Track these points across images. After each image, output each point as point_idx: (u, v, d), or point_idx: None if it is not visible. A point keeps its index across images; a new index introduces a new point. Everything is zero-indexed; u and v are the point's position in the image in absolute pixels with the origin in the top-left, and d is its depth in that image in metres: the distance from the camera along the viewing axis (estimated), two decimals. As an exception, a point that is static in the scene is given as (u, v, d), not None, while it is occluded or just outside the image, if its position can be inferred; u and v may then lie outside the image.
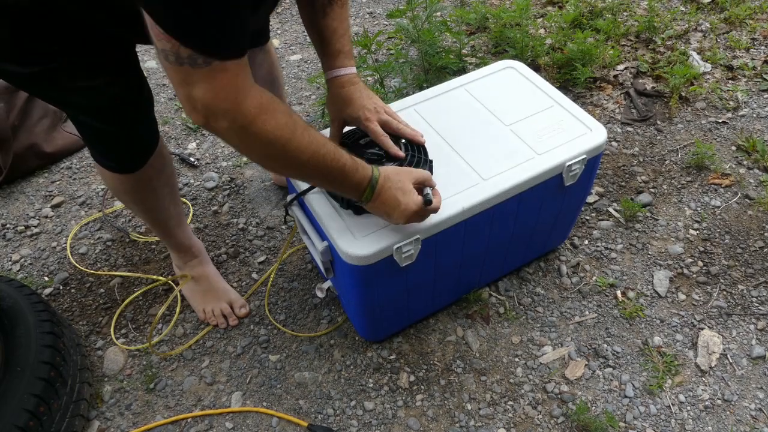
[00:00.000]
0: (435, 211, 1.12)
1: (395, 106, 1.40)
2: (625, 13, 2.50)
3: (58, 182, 1.96)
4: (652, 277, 1.57)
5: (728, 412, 1.32)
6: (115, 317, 1.54)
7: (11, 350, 1.22)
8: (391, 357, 1.43)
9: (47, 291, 1.62)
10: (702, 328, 1.46)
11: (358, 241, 1.12)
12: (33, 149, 1.95)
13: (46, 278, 1.66)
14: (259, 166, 1.93)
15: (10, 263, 1.71)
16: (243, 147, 0.91)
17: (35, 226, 1.81)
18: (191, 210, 1.81)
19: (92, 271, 1.66)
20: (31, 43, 0.93)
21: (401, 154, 1.17)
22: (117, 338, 1.50)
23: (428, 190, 1.09)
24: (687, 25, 2.40)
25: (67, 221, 1.82)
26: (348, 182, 1.01)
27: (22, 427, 1.11)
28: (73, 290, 1.62)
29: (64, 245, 1.74)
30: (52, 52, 0.95)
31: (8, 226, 1.82)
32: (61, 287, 1.63)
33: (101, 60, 1.02)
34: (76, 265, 1.68)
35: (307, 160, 0.93)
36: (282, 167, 1.00)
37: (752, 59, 2.21)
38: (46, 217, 1.84)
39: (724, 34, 2.36)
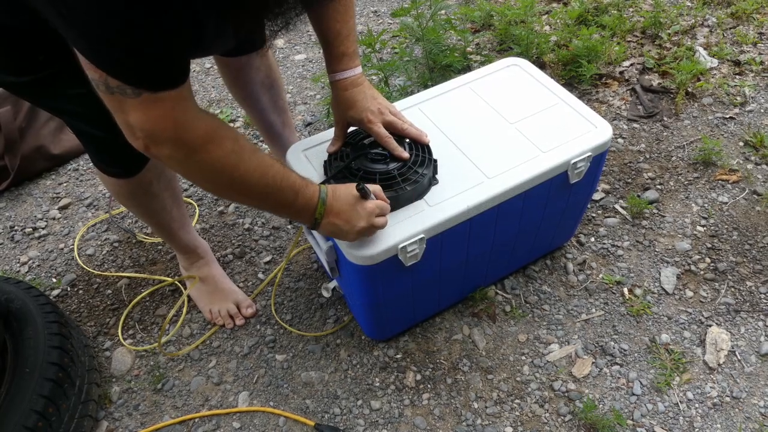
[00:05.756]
0: (382, 225, 1.09)
1: (400, 104, 1.40)
2: (630, 9, 2.48)
3: (65, 184, 1.97)
4: (659, 274, 1.56)
5: (737, 410, 1.31)
6: (122, 318, 1.55)
7: (20, 352, 1.23)
8: (398, 356, 1.43)
9: (55, 292, 1.64)
10: (710, 325, 1.45)
11: (363, 241, 1.12)
12: (40, 151, 1.97)
13: (54, 280, 1.67)
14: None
15: (18, 265, 1.72)
16: (187, 172, 0.88)
17: (43, 228, 1.82)
18: (197, 210, 1.82)
19: (99, 272, 1.67)
20: (21, 55, 0.95)
21: (405, 154, 1.17)
22: (124, 339, 1.51)
23: (363, 185, 1.05)
24: (693, 21, 2.38)
25: (75, 223, 1.84)
26: (300, 200, 0.99)
27: (31, 428, 1.12)
28: (80, 291, 1.64)
29: (71, 247, 1.76)
30: (40, 62, 0.96)
31: (16, 228, 1.83)
32: (68, 288, 1.64)
33: None
34: (84, 266, 1.69)
35: (256, 183, 0.92)
36: (229, 195, 0.98)
37: (759, 54, 2.20)
38: (54, 218, 1.86)
39: (730, 29, 2.34)
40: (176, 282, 1.62)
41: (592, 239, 1.66)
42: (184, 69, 0.80)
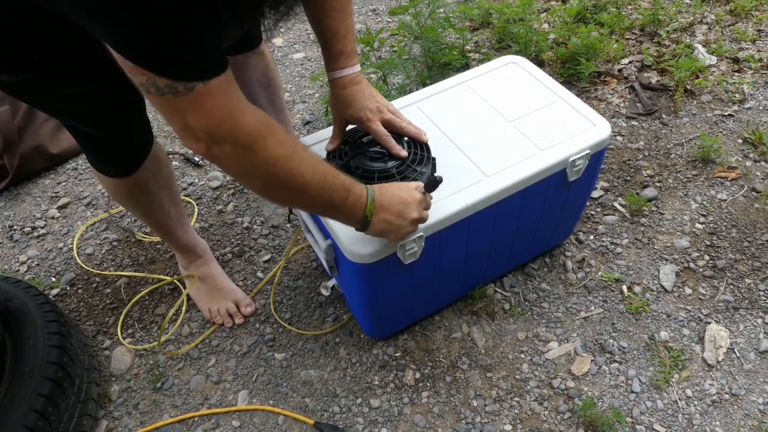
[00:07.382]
0: (427, 218, 1.09)
1: (398, 103, 1.40)
2: (629, 7, 2.48)
3: (64, 183, 1.97)
4: (658, 271, 1.56)
5: (736, 407, 1.31)
6: (121, 317, 1.55)
7: (19, 351, 1.23)
8: (397, 354, 1.43)
9: (54, 292, 1.63)
10: (709, 323, 1.45)
11: (362, 239, 1.12)
12: (39, 151, 1.96)
13: (53, 279, 1.67)
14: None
15: (17, 264, 1.72)
16: (247, 171, 0.87)
17: (42, 227, 1.82)
18: (196, 209, 1.82)
19: (99, 272, 1.67)
20: (15, 53, 0.94)
21: (404, 153, 1.17)
22: (124, 338, 1.51)
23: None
24: (692, 18, 2.38)
25: (74, 222, 1.83)
26: (351, 197, 0.97)
27: (31, 427, 1.12)
28: (79, 290, 1.64)
29: (70, 246, 1.75)
30: (35, 61, 0.96)
31: (15, 227, 1.83)
32: (68, 288, 1.64)
33: (83, 68, 1.01)
34: (83, 265, 1.69)
35: (310, 178, 0.89)
36: (286, 189, 0.92)
37: (758, 51, 2.20)
38: (53, 218, 1.85)
39: (729, 26, 2.34)
40: (175, 281, 1.62)
41: (591, 237, 1.66)
42: (223, 51, 0.79)
